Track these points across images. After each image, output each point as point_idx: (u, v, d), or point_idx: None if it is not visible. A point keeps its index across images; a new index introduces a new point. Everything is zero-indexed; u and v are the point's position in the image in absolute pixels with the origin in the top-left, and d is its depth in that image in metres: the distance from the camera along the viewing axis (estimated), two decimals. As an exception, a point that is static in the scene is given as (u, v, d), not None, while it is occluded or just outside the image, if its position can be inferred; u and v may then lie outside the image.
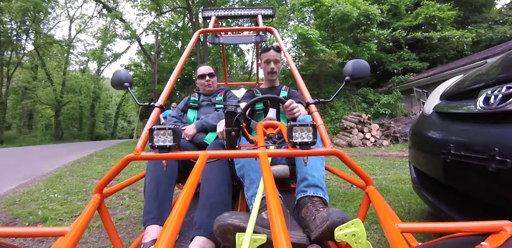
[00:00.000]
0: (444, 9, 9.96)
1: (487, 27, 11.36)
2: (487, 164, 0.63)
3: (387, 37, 9.17)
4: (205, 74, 1.47)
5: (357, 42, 9.03)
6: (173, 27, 16.71)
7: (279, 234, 0.36)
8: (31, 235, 0.56)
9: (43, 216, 1.52)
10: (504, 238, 0.42)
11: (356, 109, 7.99)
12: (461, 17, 11.16)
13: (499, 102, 0.69)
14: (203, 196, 0.86)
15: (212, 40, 1.38)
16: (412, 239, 0.65)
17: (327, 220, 0.64)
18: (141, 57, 19.41)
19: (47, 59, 17.81)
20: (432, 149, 0.94)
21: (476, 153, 0.68)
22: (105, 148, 8.12)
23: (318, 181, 0.84)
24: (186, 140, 1.25)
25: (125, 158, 0.61)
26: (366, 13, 7.35)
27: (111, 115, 32.93)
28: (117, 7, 15.86)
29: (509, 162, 0.58)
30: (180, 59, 1.02)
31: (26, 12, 13.63)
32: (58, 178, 2.82)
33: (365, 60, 0.86)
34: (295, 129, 0.61)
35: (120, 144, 11.47)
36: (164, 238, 0.35)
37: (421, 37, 9.31)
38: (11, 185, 2.47)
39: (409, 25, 10.23)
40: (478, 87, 0.84)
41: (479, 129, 0.75)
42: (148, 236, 0.78)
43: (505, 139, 0.64)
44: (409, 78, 9.16)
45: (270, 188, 0.47)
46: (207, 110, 1.42)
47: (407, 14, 10.78)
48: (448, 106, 0.98)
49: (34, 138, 16.35)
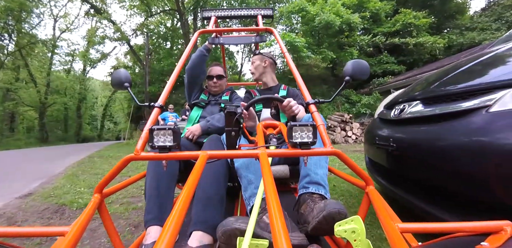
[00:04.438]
0: (420, 17, 10.85)
1: (459, 33, 12.41)
2: (388, 148, 1.12)
3: (368, 42, 9.91)
4: (213, 75, 1.49)
5: (340, 47, 9.70)
6: (161, 28, 16.77)
7: (280, 236, 0.36)
8: (31, 235, 0.55)
9: (84, 202, 1.88)
10: (504, 238, 0.42)
11: (339, 109, 8.62)
12: (435, 23, 12.13)
13: (398, 113, 1.18)
14: (198, 191, 0.87)
15: (212, 40, 1.36)
16: (412, 239, 0.65)
17: (323, 210, 0.66)
18: (128, 57, 19.27)
19: (29, 59, 17.31)
20: (372, 142, 1.42)
21: (385, 142, 1.16)
22: (100, 150, 8.25)
23: (321, 179, 0.85)
24: (190, 139, 1.25)
25: (125, 158, 0.61)
26: (348, 21, 7.99)
27: (96, 116, 32.21)
28: (105, 7, 15.70)
29: (395, 146, 1.06)
30: (180, 60, 1.02)
31: (10, 12, 13.29)
32: (73, 176, 3.13)
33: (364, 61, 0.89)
34: (295, 129, 0.61)
35: (111, 145, 11.50)
36: (164, 238, 0.35)
37: (399, 42, 10.13)
38: (34, 183, 2.77)
39: (388, 31, 11.04)
40: (396, 102, 1.33)
41: (388, 128, 1.24)
42: (149, 237, 0.78)
43: (394, 133, 1.13)
44: (388, 80, 9.94)
45: (270, 188, 0.47)
46: (211, 109, 1.44)
47: (386, 20, 11.61)
48: (383, 114, 1.47)
49: (18, 141, 15.84)
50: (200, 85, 1.55)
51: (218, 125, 1.27)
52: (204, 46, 1.40)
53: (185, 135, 1.25)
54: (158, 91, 12.88)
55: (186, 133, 1.25)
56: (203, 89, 1.56)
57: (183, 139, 1.23)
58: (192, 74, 1.42)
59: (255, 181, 0.85)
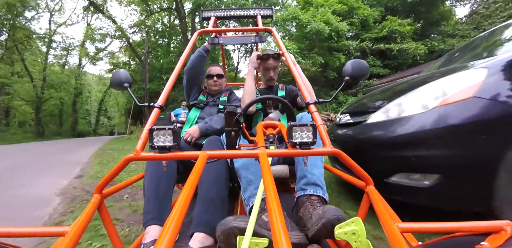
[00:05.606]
0: (404, 24, 11.69)
1: (441, 40, 13.32)
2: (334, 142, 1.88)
3: (356, 47, 10.72)
4: (213, 74, 1.53)
5: (330, 51, 10.49)
6: (159, 25, 17.09)
7: (279, 234, 0.36)
8: (31, 235, 0.54)
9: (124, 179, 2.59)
10: (504, 238, 0.42)
11: (327, 109, 9.45)
12: (420, 30, 13.01)
13: (339, 120, 1.94)
14: (200, 192, 0.88)
15: (211, 40, 1.37)
16: (412, 239, 0.65)
17: (322, 217, 0.66)
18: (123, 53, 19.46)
19: (25, 53, 17.36)
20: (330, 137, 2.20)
21: (333, 137, 1.92)
22: (105, 144, 8.80)
23: (318, 179, 0.86)
24: (188, 141, 1.25)
25: (125, 158, 0.62)
26: (336, 29, 8.77)
27: (89, 111, 32.15)
28: (104, 4, 15.89)
29: (334, 140, 1.83)
30: (180, 60, 1.02)
31: (10, 8, 13.41)
32: (102, 163, 3.81)
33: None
34: (295, 129, 0.62)
35: (113, 140, 11.96)
36: (164, 238, 0.35)
37: (384, 48, 10.97)
38: (75, 169, 3.43)
39: (375, 36, 11.87)
40: (341, 112, 2.10)
41: (334, 130, 2.01)
42: (148, 236, 0.79)
43: (334, 133, 1.89)
44: (373, 82, 10.82)
45: (270, 188, 0.47)
46: (210, 110, 1.46)
47: (375, 25, 12.43)
48: (339, 118, 2.24)
49: (15, 135, 16.06)
50: (199, 86, 1.59)
51: (216, 127, 1.29)
52: (203, 47, 1.44)
53: (183, 138, 1.26)
54: (158, 88, 13.37)
55: (185, 135, 1.26)
56: (202, 90, 1.60)
57: (184, 142, 1.25)
58: (192, 74, 1.47)
59: (255, 181, 0.86)
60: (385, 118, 1.33)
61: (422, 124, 1.13)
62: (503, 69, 1.10)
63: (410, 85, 1.47)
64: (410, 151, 1.15)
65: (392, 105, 1.34)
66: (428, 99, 1.17)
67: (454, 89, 1.11)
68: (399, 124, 1.21)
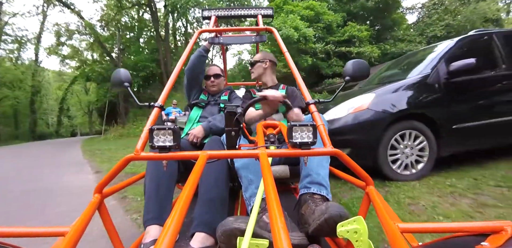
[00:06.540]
0: (362, 30, 13.28)
1: (392, 44, 15.33)
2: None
3: (321, 50, 12.01)
4: (210, 75, 1.53)
5: (299, 53, 11.60)
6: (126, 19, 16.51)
7: (279, 235, 0.36)
8: (31, 235, 0.54)
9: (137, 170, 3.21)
10: (504, 238, 0.42)
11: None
12: (375, 34, 14.85)
13: None
14: (201, 192, 0.88)
15: (212, 40, 1.37)
16: (412, 239, 0.66)
17: (325, 213, 0.66)
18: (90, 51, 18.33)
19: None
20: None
21: None
22: (84, 145, 8.67)
23: (323, 179, 0.86)
24: (194, 142, 1.25)
25: (125, 158, 0.62)
26: (304, 35, 9.86)
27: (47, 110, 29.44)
28: None
29: None
30: (180, 60, 1.03)
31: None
32: (105, 161, 4.27)
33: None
34: (295, 129, 0.62)
35: (88, 140, 11.59)
36: (164, 238, 0.35)
37: (345, 51, 12.45)
38: (86, 166, 3.88)
39: (338, 39, 13.29)
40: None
41: None
42: (149, 236, 0.80)
43: None
44: (336, 81, 12.28)
45: (270, 188, 0.47)
46: (211, 109, 1.47)
47: (337, 29, 13.86)
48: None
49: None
50: (200, 86, 1.60)
51: (220, 126, 1.28)
52: (202, 47, 1.44)
53: (188, 139, 1.27)
54: (134, 87, 13.18)
55: (190, 137, 1.26)
56: (203, 89, 1.61)
57: (184, 142, 1.24)
58: (192, 74, 1.48)
59: (256, 181, 0.87)
60: (332, 117, 2.20)
61: (344, 122, 2.07)
62: (382, 94, 2.09)
63: (343, 98, 2.41)
64: (338, 136, 2.07)
65: (334, 110, 2.26)
66: (347, 108, 2.12)
67: (358, 103, 2.08)
68: (335, 121, 2.13)
